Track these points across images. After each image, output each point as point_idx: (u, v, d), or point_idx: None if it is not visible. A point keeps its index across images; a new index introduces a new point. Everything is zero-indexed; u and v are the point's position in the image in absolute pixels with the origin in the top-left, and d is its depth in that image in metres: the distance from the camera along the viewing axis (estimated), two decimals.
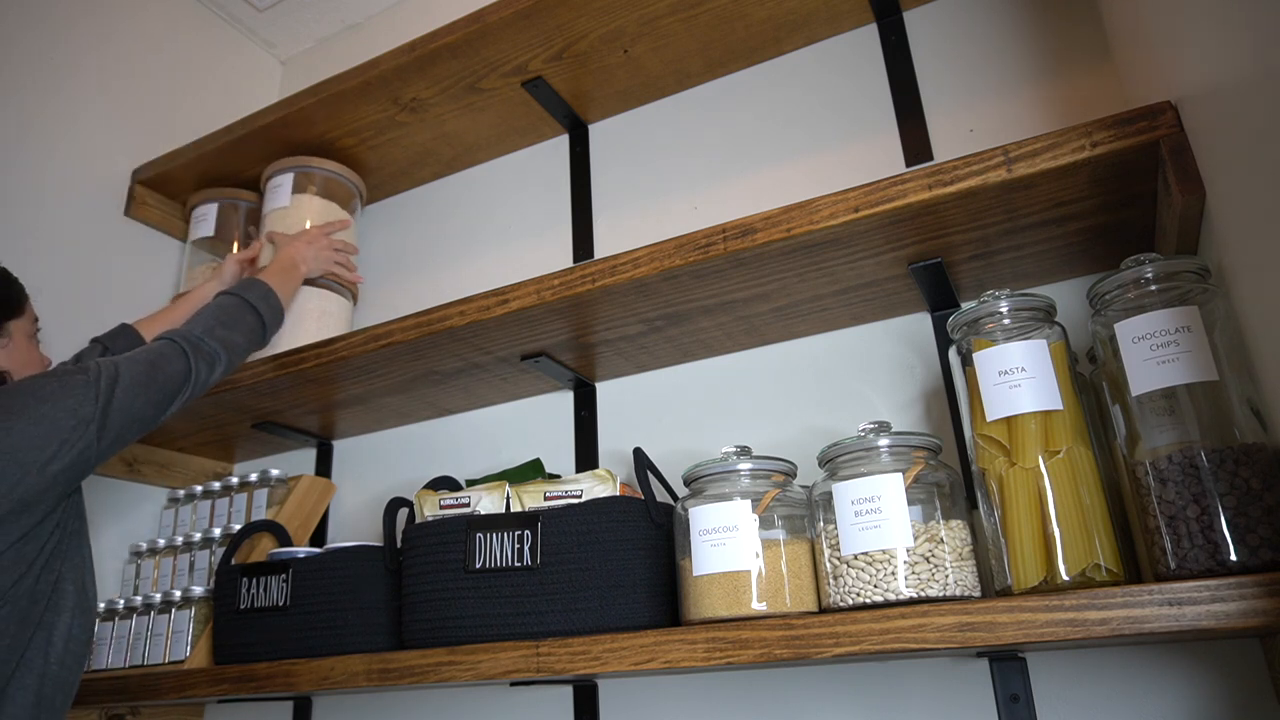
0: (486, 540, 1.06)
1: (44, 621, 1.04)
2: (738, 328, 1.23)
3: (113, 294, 1.67)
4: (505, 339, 1.23)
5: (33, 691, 1.01)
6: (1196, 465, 0.73)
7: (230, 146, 1.65)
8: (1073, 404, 0.84)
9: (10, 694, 0.99)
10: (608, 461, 1.38)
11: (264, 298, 1.31)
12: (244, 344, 1.25)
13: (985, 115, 1.24)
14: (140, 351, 1.14)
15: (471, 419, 1.54)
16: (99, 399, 1.05)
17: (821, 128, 1.38)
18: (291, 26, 2.13)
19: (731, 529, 0.92)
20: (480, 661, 0.98)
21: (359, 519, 1.61)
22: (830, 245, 1.00)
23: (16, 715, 0.99)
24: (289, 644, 1.18)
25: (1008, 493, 0.83)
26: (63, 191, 1.63)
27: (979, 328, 0.90)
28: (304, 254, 1.49)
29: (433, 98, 1.52)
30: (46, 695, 1.02)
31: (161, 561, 1.50)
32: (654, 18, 1.35)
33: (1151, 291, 0.81)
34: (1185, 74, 0.78)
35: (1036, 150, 0.86)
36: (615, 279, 1.06)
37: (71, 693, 1.07)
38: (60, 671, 1.04)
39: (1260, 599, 0.65)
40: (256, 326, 1.28)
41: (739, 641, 0.85)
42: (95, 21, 1.77)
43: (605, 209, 1.55)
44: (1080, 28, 1.21)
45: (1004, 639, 0.73)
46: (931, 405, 1.16)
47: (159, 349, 1.15)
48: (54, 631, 1.04)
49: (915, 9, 1.35)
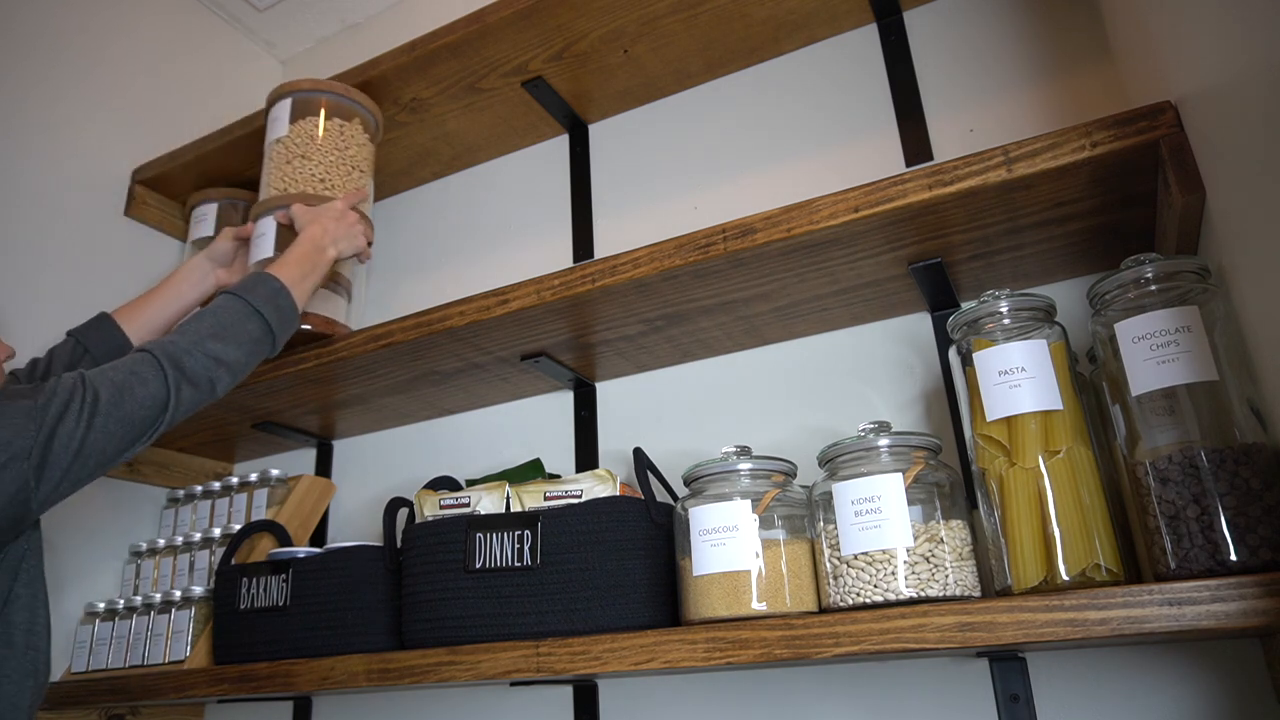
0: (486, 540, 1.06)
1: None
2: (738, 328, 1.23)
3: (112, 294, 1.66)
4: (505, 339, 1.23)
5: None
6: (1196, 465, 0.73)
7: (230, 146, 1.65)
8: (1073, 404, 0.84)
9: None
10: (608, 461, 1.38)
11: (271, 298, 1.10)
12: (243, 359, 1.07)
13: (985, 115, 1.24)
14: (110, 368, 0.96)
15: (471, 419, 1.54)
16: (40, 430, 0.88)
17: (822, 127, 1.38)
18: (291, 26, 2.13)
19: (731, 529, 0.92)
20: (480, 661, 0.98)
21: (359, 519, 1.61)
22: (830, 245, 1.00)
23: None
24: (289, 644, 1.18)
25: (1008, 493, 0.83)
26: (63, 191, 1.63)
27: (979, 328, 0.90)
28: (333, 233, 1.24)
29: (433, 98, 1.52)
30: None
31: (161, 561, 1.50)
32: (654, 18, 1.35)
33: (1151, 291, 0.81)
34: (1185, 74, 0.78)
35: (1036, 150, 0.86)
36: (615, 279, 1.06)
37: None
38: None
39: (1260, 599, 0.65)
40: (261, 335, 1.09)
41: (739, 641, 0.85)
42: (95, 22, 1.77)
43: (605, 209, 1.55)
44: (1080, 28, 1.21)
45: (1004, 639, 0.73)
46: (931, 405, 1.16)
47: (132, 367, 0.97)
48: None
49: (915, 9, 1.35)
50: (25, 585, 0.99)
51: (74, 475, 0.91)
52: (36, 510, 0.91)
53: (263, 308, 1.09)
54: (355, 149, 1.44)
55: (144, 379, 0.97)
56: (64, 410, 0.90)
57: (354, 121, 1.46)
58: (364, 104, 1.47)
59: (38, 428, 0.88)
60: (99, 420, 0.92)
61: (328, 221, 1.25)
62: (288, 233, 1.33)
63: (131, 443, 0.96)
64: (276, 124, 1.43)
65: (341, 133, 1.43)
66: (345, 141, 1.43)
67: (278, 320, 1.11)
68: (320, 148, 1.40)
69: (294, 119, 1.42)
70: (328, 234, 1.24)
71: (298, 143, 1.40)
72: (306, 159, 1.39)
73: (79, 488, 0.93)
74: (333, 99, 1.44)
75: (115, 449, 0.94)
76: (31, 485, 0.88)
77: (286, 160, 1.39)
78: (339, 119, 1.44)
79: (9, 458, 0.86)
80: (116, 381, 0.95)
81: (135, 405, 0.95)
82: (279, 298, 1.12)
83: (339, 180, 1.40)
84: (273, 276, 1.14)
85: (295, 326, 1.16)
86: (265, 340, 1.10)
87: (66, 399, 0.91)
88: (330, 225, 1.25)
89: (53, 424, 0.89)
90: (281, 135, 1.41)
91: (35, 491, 0.89)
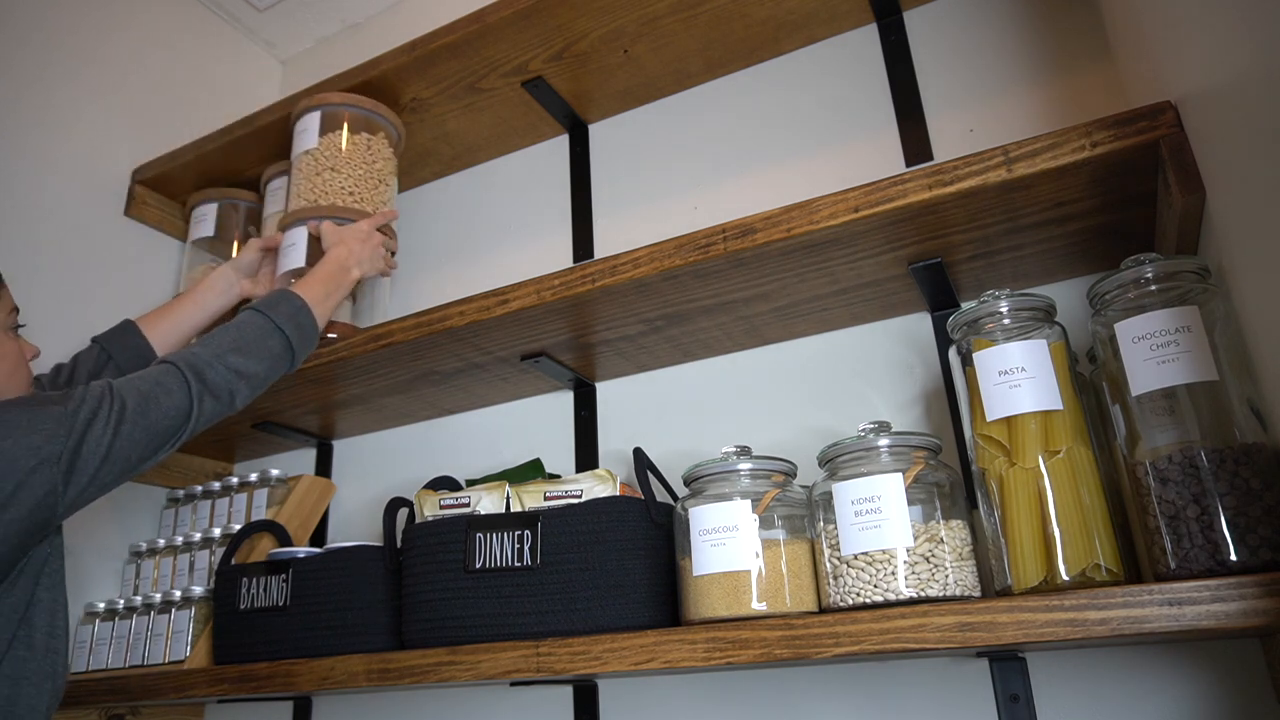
0: (486, 540, 1.06)
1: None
2: (738, 328, 1.23)
3: (112, 294, 1.67)
4: (505, 339, 1.23)
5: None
6: (1196, 465, 0.73)
7: (230, 146, 1.65)
8: (1073, 404, 0.84)
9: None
10: (608, 461, 1.38)
11: (293, 316, 1.14)
12: (264, 373, 1.09)
13: (985, 115, 1.24)
14: (137, 378, 0.99)
15: (471, 419, 1.54)
16: (70, 435, 0.90)
17: (821, 128, 1.38)
18: (291, 26, 2.13)
19: (731, 529, 0.92)
20: (480, 661, 0.98)
21: (359, 519, 1.61)
22: (830, 245, 1.00)
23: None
24: (289, 644, 1.18)
25: (1008, 493, 0.83)
26: (63, 191, 1.63)
27: (979, 328, 0.90)
28: (358, 254, 1.28)
29: (433, 98, 1.52)
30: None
31: (161, 561, 1.50)
32: (654, 18, 1.35)
33: (1151, 291, 0.81)
34: (1185, 74, 0.78)
35: (1036, 150, 0.86)
36: (615, 279, 1.06)
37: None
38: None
39: (1260, 599, 0.65)
40: (282, 352, 1.12)
41: (739, 641, 0.85)
42: (95, 21, 1.77)
43: (605, 209, 1.55)
44: (1080, 28, 1.21)
45: (1004, 639, 0.73)
46: (931, 405, 1.16)
47: (157, 378, 1.00)
48: (15, 705, 0.92)
49: (915, 9, 1.35)
50: (47, 589, 1.01)
51: (100, 480, 0.93)
52: (62, 514, 0.92)
53: (284, 324, 1.12)
54: (382, 162, 1.50)
55: (168, 389, 0.99)
56: (93, 416, 0.92)
57: (379, 135, 1.50)
58: (388, 117, 1.52)
59: (67, 433, 0.90)
60: (125, 428, 0.94)
61: (353, 243, 1.29)
62: (317, 244, 1.36)
63: (155, 450, 0.98)
64: (305, 136, 1.47)
65: (369, 146, 1.48)
66: (373, 155, 1.48)
67: (299, 338, 1.14)
68: (349, 160, 1.45)
69: (323, 131, 1.46)
70: (353, 255, 1.28)
71: (327, 155, 1.45)
72: (336, 171, 1.44)
73: (103, 493, 0.95)
74: (361, 113, 1.49)
75: (139, 456, 0.96)
76: (60, 489, 0.89)
77: (316, 172, 1.44)
78: (366, 133, 1.48)
79: (39, 461, 0.87)
80: (143, 391, 0.97)
81: (160, 414, 0.97)
82: (300, 315, 1.15)
83: (367, 193, 1.45)
84: (296, 294, 1.17)
85: (315, 345, 1.19)
86: (285, 357, 1.13)
87: (95, 406, 0.93)
88: (356, 247, 1.29)
89: (82, 429, 0.91)
90: (311, 147, 1.45)
91: (63, 495, 0.90)
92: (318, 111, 1.47)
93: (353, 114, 1.48)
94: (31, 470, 0.87)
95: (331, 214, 1.39)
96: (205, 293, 1.38)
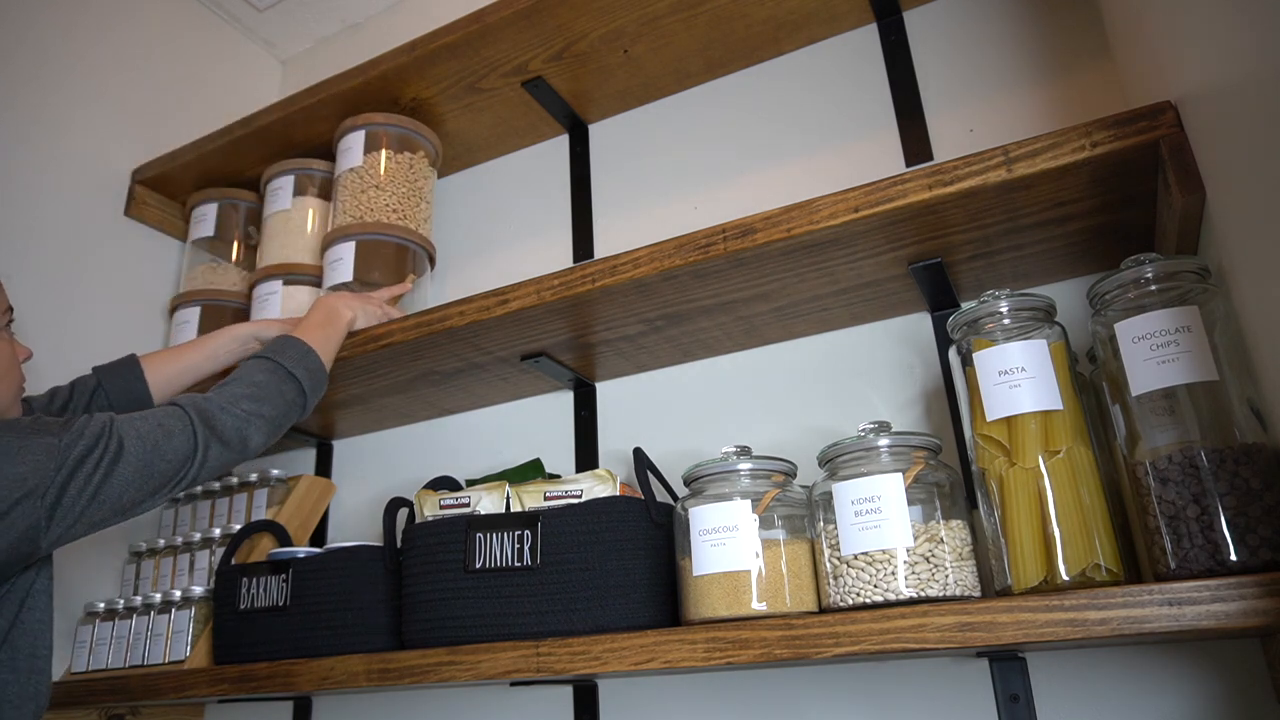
0: (486, 540, 1.06)
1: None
2: (738, 328, 1.23)
3: (112, 294, 1.67)
4: (505, 339, 1.23)
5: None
6: (1196, 465, 0.73)
7: (230, 146, 1.65)
8: (1073, 404, 0.84)
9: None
10: (608, 461, 1.38)
11: (301, 359, 1.11)
12: (278, 417, 1.06)
13: (985, 115, 1.24)
14: (139, 418, 0.96)
15: (471, 419, 1.54)
16: (60, 470, 0.86)
17: (821, 128, 1.38)
18: (291, 26, 2.13)
19: (731, 529, 0.92)
20: (480, 661, 0.98)
21: (359, 519, 1.61)
22: (830, 245, 1.00)
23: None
24: (289, 644, 1.18)
25: (1008, 493, 0.83)
26: (62, 191, 1.63)
27: (979, 328, 0.90)
28: (351, 303, 1.26)
29: (433, 98, 1.52)
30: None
31: (161, 561, 1.49)
32: (654, 18, 1.35)
33: (1151, 291, 0.81)
34: (1185, 74, 0.78)
35: (1036, 150, 0.86)
36: (615, 279, 1.06)
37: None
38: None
39: (1260, 599, 0.65)
40: (295, 396, 1.09)
41: (739, 641, 0.85)
42: (95, 21, 1.77)
43: (605, 209, 1.55)
44: (1080, 28, 1.21)
45: (1004, 639, 0.73)
46: (931, 405, 1.16)
47: (160, 420, 0.96)
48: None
49: (915, 9, 1.35)
50: (31, 612, 0.99)
51: (89, 519, 0.90)
52: (46, 549, 0.89)
53: (294, 369, 1.10)
54: (422, 180, 1.56)
55: (170, 432, 0.96)
56: (86, 454, 0.89)
57: (419, 154, 1.56)
58: (428, 136, 1.58)
59: (57, 467, 0.87)
60: (119, 468, 0.91)
61: (348, 295, 1.29)
62: (363, 261, 1.44)
63: (150, 494, 0.95)
64: (349, 154, 1.52)
65: (411, 165, 1.54)
66: (414, 174, 1.54)
67: (310, 383, 1.12)
68: (393, 179, 1.51)
69: (367, 150, 1.51)
70: (342, 299, 1.26)
71: (371, 173, 1.51)
72: (380, 189, 1.50)
73: (94, 531, 0.92)
74: (403, 133, 1.55)
75: (132, 499, 0.93)
76: (43, 525, 0.86)
77: (361, 190, 1.50)
78: (408, 152, 1.55)
79: (24, 494, 0.84)
80: (143, 432, 0.94)
81: (157, 458, 0.94)
82: (308, 359, 1.13)
83: (410, 210, 1.51)
84: (298, 340, 1.14)
85: (325, 389, 1.16)
86: (298, 402, 1.10)
87: (91, 443, 0.90)
88: (349, 297, 1.28)
89: (73, 466, 0.88)
90: (355, 165, 1.51)
91: (46, 532, 0.87)
92: (362, 131, 1.53)
93: (395, 134, 1.54)
94: (14, 503, 0.83)
95: (376, 230, 1.45)
96: (217, 348, 1.31)
